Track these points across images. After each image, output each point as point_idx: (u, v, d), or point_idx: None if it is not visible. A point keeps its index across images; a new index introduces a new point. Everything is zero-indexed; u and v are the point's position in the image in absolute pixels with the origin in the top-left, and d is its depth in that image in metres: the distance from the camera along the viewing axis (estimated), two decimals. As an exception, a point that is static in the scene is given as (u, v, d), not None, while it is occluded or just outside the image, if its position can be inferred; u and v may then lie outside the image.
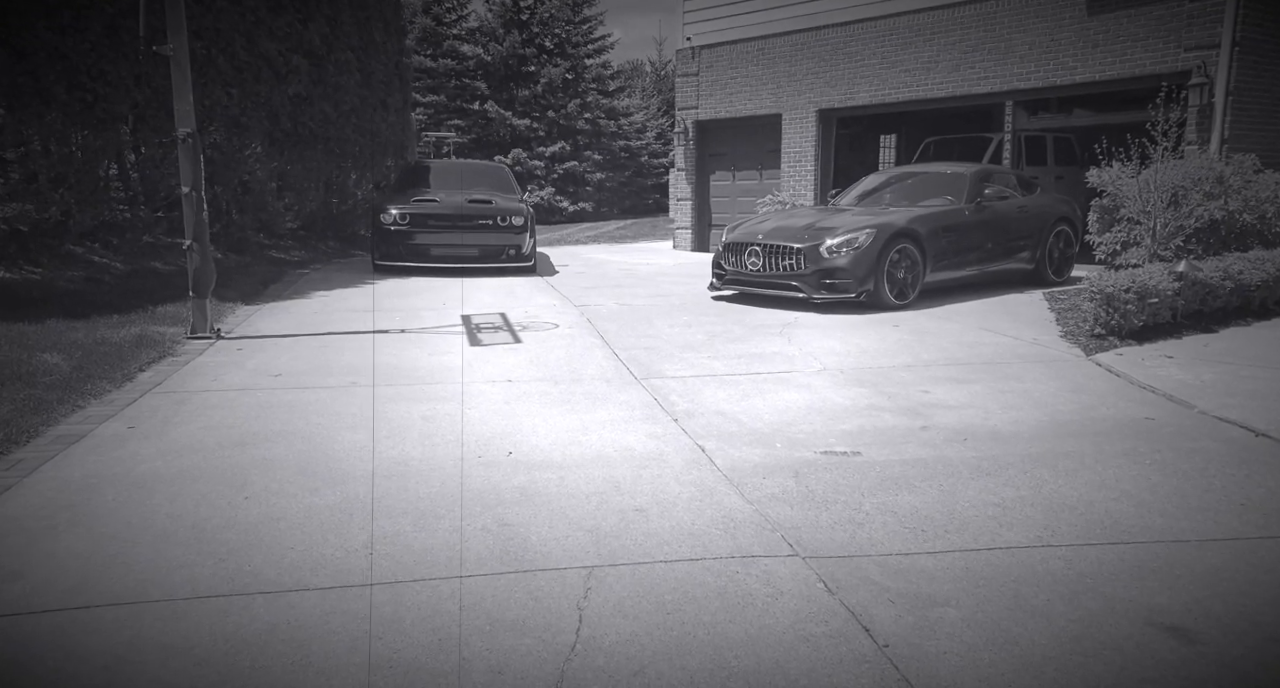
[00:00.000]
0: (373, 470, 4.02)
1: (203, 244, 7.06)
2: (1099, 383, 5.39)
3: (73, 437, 4.46)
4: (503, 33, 31.54)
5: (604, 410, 5.07)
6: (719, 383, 5.69)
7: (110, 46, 9.74)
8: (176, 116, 6.90)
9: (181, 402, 5.21)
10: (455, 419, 4.89)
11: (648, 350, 6.80)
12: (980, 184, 9.44)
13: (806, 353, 6.57)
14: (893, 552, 3.05)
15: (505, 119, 30.81)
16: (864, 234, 8.28)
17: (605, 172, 32.32)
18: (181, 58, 6.79)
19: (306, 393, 5.46)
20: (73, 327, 6.94)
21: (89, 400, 5.14)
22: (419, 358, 6.56)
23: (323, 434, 4.58)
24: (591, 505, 3.57)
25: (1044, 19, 11.46)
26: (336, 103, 14.34)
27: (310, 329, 7.70)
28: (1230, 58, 9.90)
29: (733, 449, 4.27)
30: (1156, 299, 6.19)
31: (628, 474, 3.94)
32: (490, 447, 4.39)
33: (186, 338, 7.09)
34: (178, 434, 4.54)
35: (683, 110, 16.43)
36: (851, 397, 5.24)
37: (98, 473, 3.92)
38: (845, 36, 13.74)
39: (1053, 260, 9.82)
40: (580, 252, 16.93)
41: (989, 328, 7.39)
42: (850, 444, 4.28)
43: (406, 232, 11.88)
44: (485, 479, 3.91)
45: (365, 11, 15.07)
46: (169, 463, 4.08)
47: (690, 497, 3.62)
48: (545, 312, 8.71)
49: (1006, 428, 4.49)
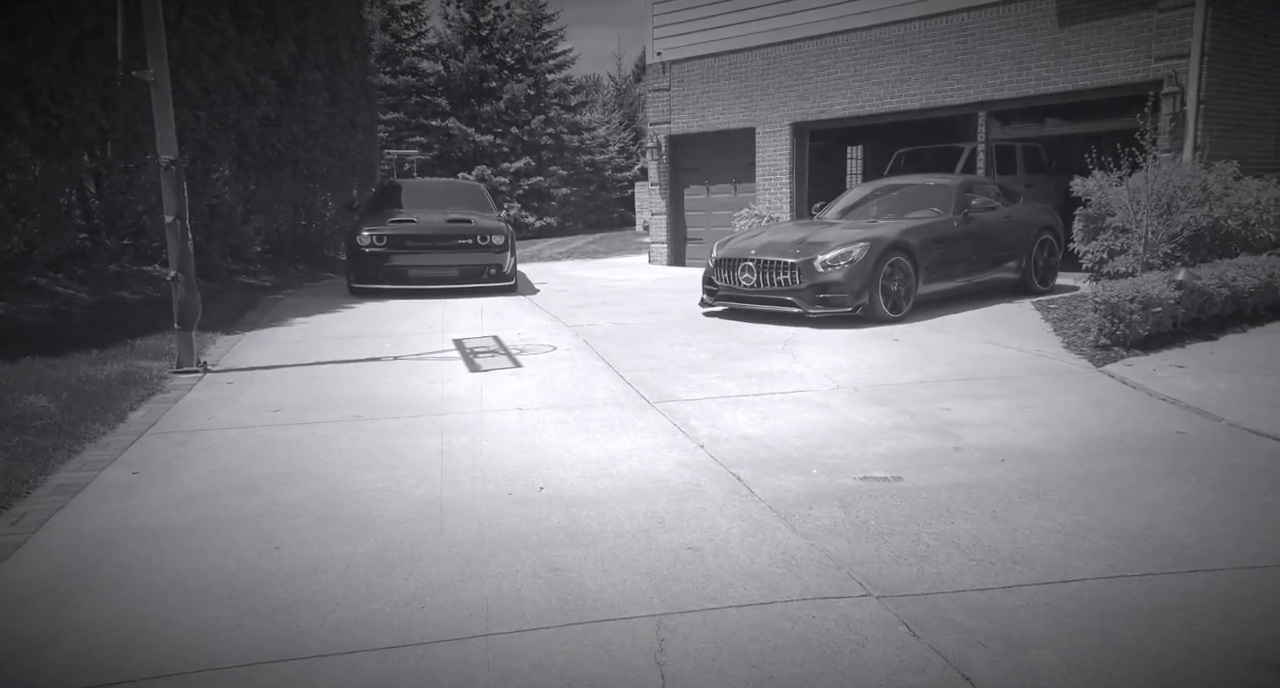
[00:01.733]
0: (402, 514, 3.85)
1: (188, 275, 6.81)
2: (1118, 396, 5.39)
3: (75, 486, 4.21)
4: (463, 49, 31.38)
5: (626, 438, 4.94)
6: (735, 405, 5.59)
7: (74, 69, 9.43)
8: (159, 143, 6.66)
9: (181, 443, 4.98)
10: (473, 453, 4.73)
11: (654, 372, 6.68)
12: (966, 195, 9.49)
13: (815, 371, 6.50)
14: (966, 587, 2.96)
15: (468, 135, 30.62)
16: (858, 248, 8.27)
17: (570, 186, 32.26)
18: (163, 82, 6.56)
19: (310, 429, 5.25)
20: (51, 365, 6.64)
21: (84, 445, 4.89)
22: (419, 387, 6.37)
23: (338, 475, 4.39)
24: (640, 545, 3.44)
25: (1016, 30, 11.61)
26: (306, 123, 14.07)
27: (298, 359, 7.46)
28: (1201, 67, 10.09)
29: (769, 478, 4.16)
30: (1160, 308, 6.23)
31: (670, 509, 3.81)
32: (518, 483, 4.23)
33: (172, 372, 6.82)
34: (185, 480, 4.32)
35: (655, 125, 16.39)
36: (873, 417, 5.18)
37: (111, 526, 3.70)
38: (819, 50, 13.81)
39: (1038, 269, 9.90)
40: (556, 268, 16.78)
41: (990, 340, 7.40)
42: (888, 469, 4.20)
43: (383, 253, 11.66)
44: (522, 518, 3.76)
45: (332, 29, 14.83)
46: (183, 513, 3.87)
47: (741, 532, 3.51)
48: (538, 333, 8.56)
49: (1040, 446, 4.45)
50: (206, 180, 12.32)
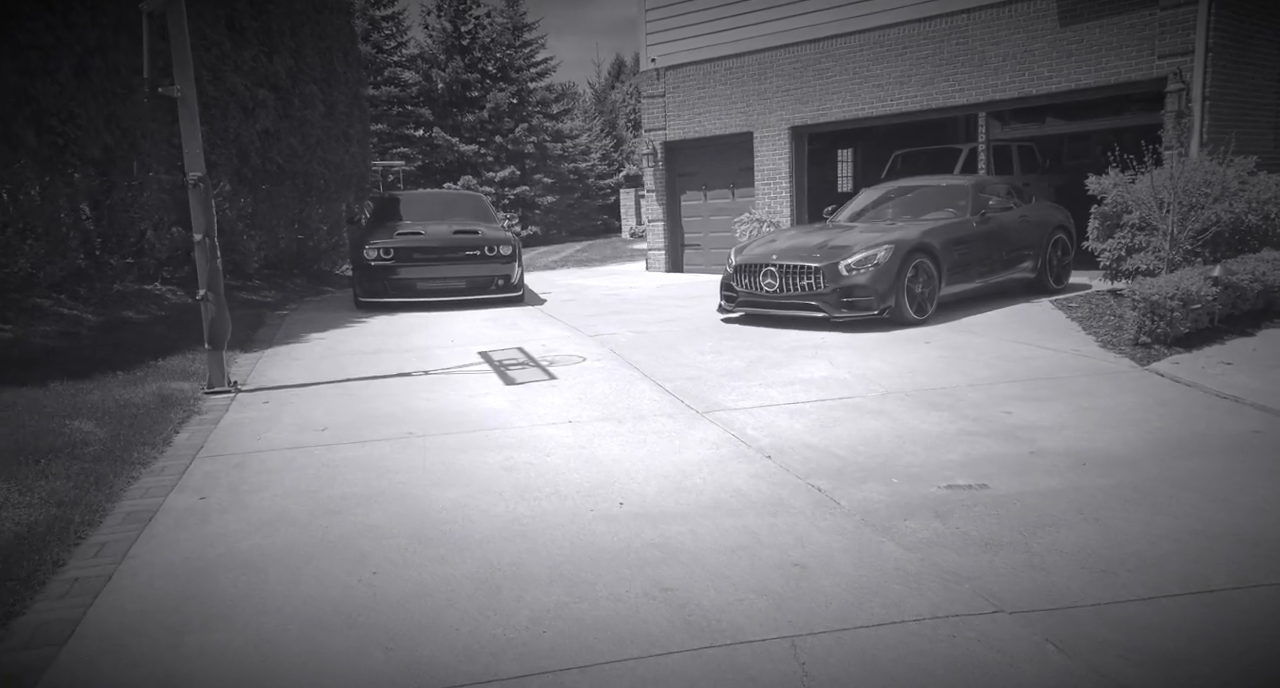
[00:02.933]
0: (489, 533, 3.78)
1: (217, 293, 6.70)
2: (1177, 395, 5.42)
3: (144, 513, 4.11)
4: (444, 59, 31.24)
5: (689, 450, 4.90)
6: (788, 414, 5.57)
7: (79, 87, 9.27)
8: (186, 160, 6.55)
9: (238, 466, 4.88)
10: (539, 469, 4.67)
11: (692, 381, 6.65)
12: (981, 195, 9.55)
13: (857, 376, 6.49)
14: (1100, 601, 2.93)
15: (452, 145, 30.48)
16: (883, 250, 8.28)
17: (554, 195, 32.17)
18: (190, 98, 6.45)
19: (365, 448, 5.17)
20: (82, 388, 6.50)
21: (139, 470, 4.78)
22: (459, 401, 6.30)
23: (413, 494, 4.32)
24: (744, 562, 3.39)
25: (1017, 30, 11.70)
26: (303, 136, 13.92)
27: (327, 376, 7.35)
28: (1205, 64, 10.23)
29: (851, 489, 4.14)
30: (1199, 305, 6.29)
31: (760, 523, 3.77)
32: (596, 498, 4.18)
33: (204, 393, 6.70)
34: (257, 504, 4.23)
35: (650, 132, 16.37)
36: (934, 422, 5.17)
37: (199, 555, 3.61)
38: (816, 53, 13.86)
39: (1052, 268, 9.98)
40: (554, 277, 16.71)
41: (1021, 340, 7.43)
42: (970, 477, 4.19)
43: (390, 266, 11.56)
44: (613, 536, 3.71)
45: (326, 42, 14.70)
46: (268, 539, 3.78)
47: (844, 547, 3.47)
48: (562, 344, 8.50)
49: (1118, 450, 4.46)
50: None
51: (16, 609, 3.10)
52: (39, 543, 3.58)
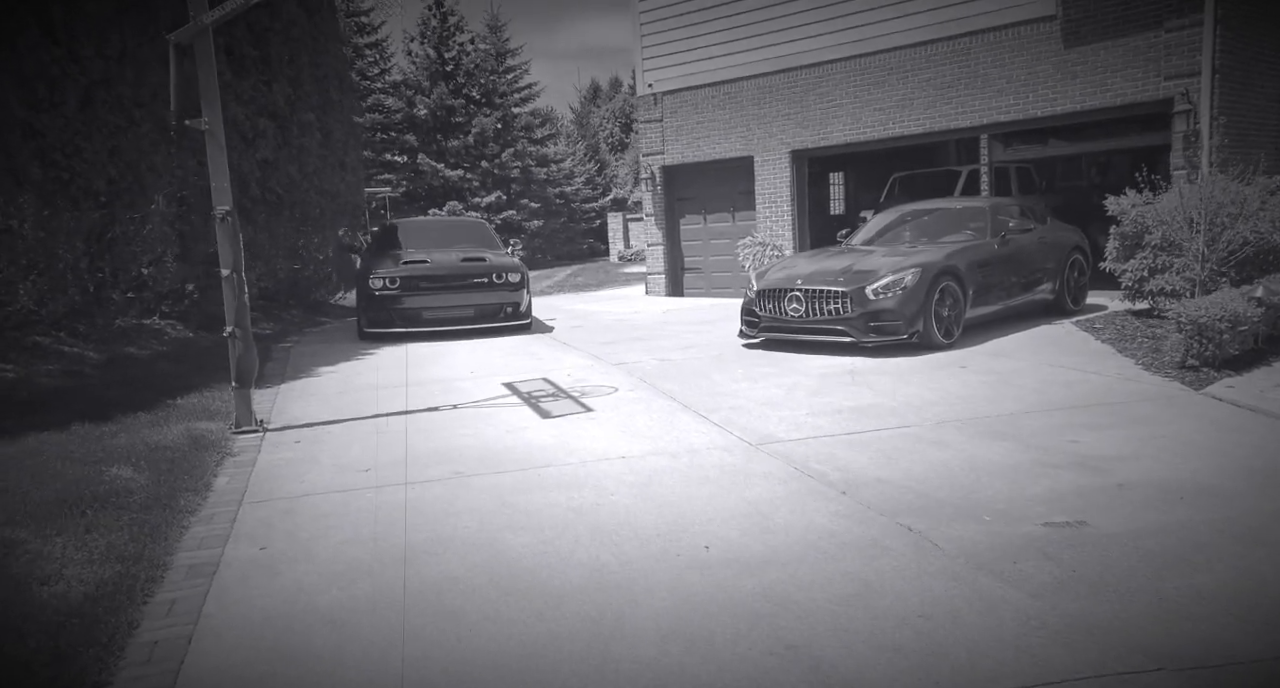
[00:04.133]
0: (580, 583, 3.62)
1: (245, 330, 6.50)
2: (1245, 421, 5.36)
3: (206, 566, 3.91)
4: (428, 85, 31.17)
5: (759, 486, 4.76)
6: (846, 445, 5.45)
7: (84, 120, 9.06)
8: (214, 194, 6.37)
9: (289, 512, 4.68)
10: (608, 510, 4.51)
11: (734, 410, 6.52)
12: (999, 217, 9.55)
13: (903, 403, 6.40)
14: (1264, 655, 2.79)
15: (438, 171, 30.35)
16: (910, 274, 8.23)
17: (541, 219, 32.08)
18: (217, 131, 6.28)
19: (417, 490, 4.99)
20: (105, 431, 6.26)
21: (188, 518, 4.56)
22: (500, 437, 6.13)
23: (485, 539, 4.14)
24: (863, 614, 3.23)
25: (1021, 53, 11.79)
26: (301, 165, 13.73)
27: (352, 412, 7.15)
28: (1213, 84, 10.34)
29: (943, 528, 4.01)
30: (1245, 327, 6.27)
31: (863, 568, 3.63)
32: (678, 542, 4.03)
33: (232, 432, 6.48)
34: (322, 554, 4.04)
35: (648, 156, 16.33)
36: (1002, 453, 5.07)
37: (279, 611, 3.41)
38: (816, 77, 13.90)
39: (1070, 289, 9.99)
40: (554, 303, 16.55)
41: (1058, 364, 7.38)
42: (1064, 513, 4.08)
43: (396, 295, 11.37)
44: (712, 584, 3.55)
45: (322, 69, 14.55)
46: (346, 592, 3.59)
47: (963, 595, 3.33)
48: (587, 373, 8.36)
49: (1207, 481, 4.37)
50: (207, 228, 11.91)
51: (104, 679, 2.90)
52: (110, 604, 3.37)
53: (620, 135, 44.19)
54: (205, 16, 6.14)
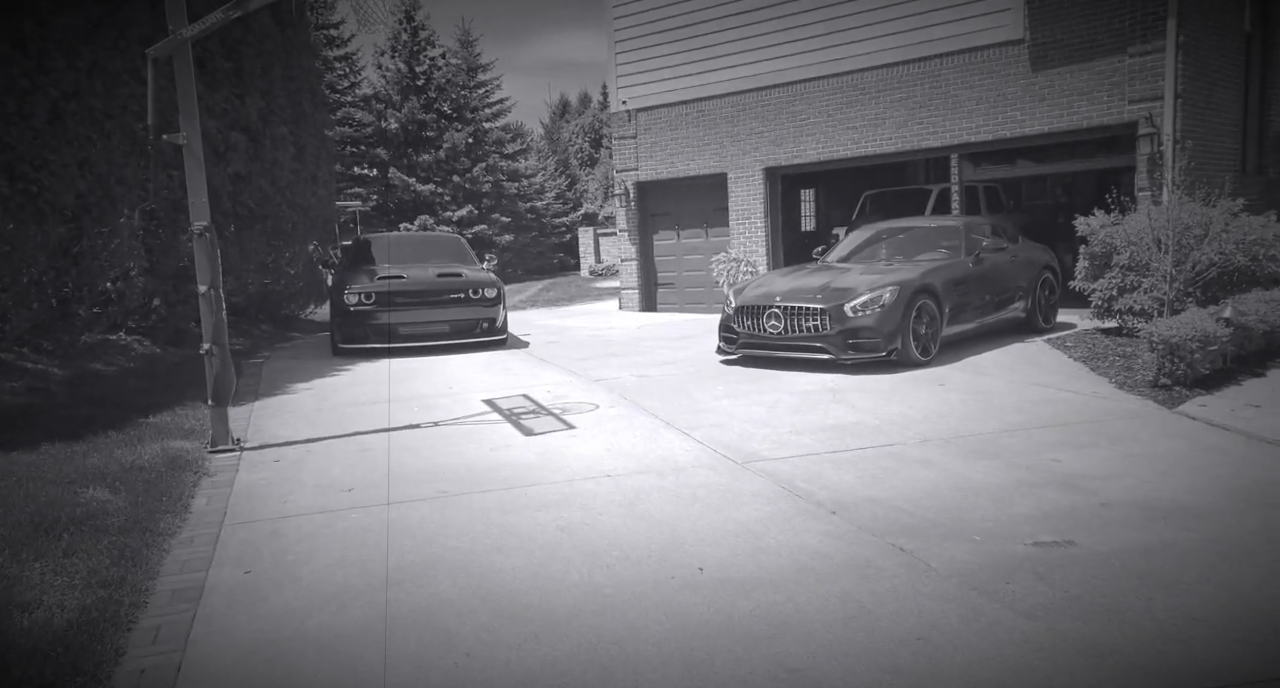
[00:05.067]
0: (574, 606, 3.59)
1: (222, 347, 6.40)
2: (1221, 440, 5.47)
3: (190, 591, 3.83)
4: (399, 99, 31.04)
5: (748, 506, 4.77)
6: (833, 464, 5.48)
7: (53, 133, 8.89)
8: (192, 210, 6.29)
9: (273, 534, 4.60)
10: (597, 530, 4.49)
11: (717, 428, 6.54)
12: (973, 236, 9.69)
13: (886, 421, 6.45)
14: (1259, 678, 2.83)
15: (409, 185, 30.18)
16: (888, 292, 8.32)
17: (512, 233, 32.00)
18: (195, 146, 6.21)
19: (402, 510, 4.93)
20: (76, 451, 6.12)
21: (168, 540, 4.47)
22: (483, 455, 6.09)
23: (474, 561, 4.10)
24: (861, 636, 3.24)
25: (990, 75, 12.01)
26: (273, 179, 13.59)
27: (331, 430, 7.06)
28: (1175, 108, 10.61)
29: (934, 548, 4.04)
30: (1215, 346, 6.41)
31: (859, 589, 3.64)
32: (673, 564, 4.01)
33: (208, 451, 6.36)
34: (310, 577, 3.97)
35: (622, 172, 16.38)
36: (986, 472, 5.13)
37: (268, 638, 3.35)
38: (789, 96, 14.05)
39: (1041, 308, 10.15)
40: (528, 318, 16.50)
41: (1035, 382, 7.49)
42: (1052, 532, 4.12)
43: (371, 311, 11.28)
44: (708, 607, 3.54)
45: (295, 83, 14.44)
46: (336, 617, 3.54)
47: (959, 615, 3.35)
48: (567, 389, 8.33)
49: (1189, 500, 4.44)
50: (176, 241, 11.74)
51: (91, 712, 2.82)
52: (95, 631, 3.29)
53: (590, 150, 44.30)
54: (185, 30, 6.07)
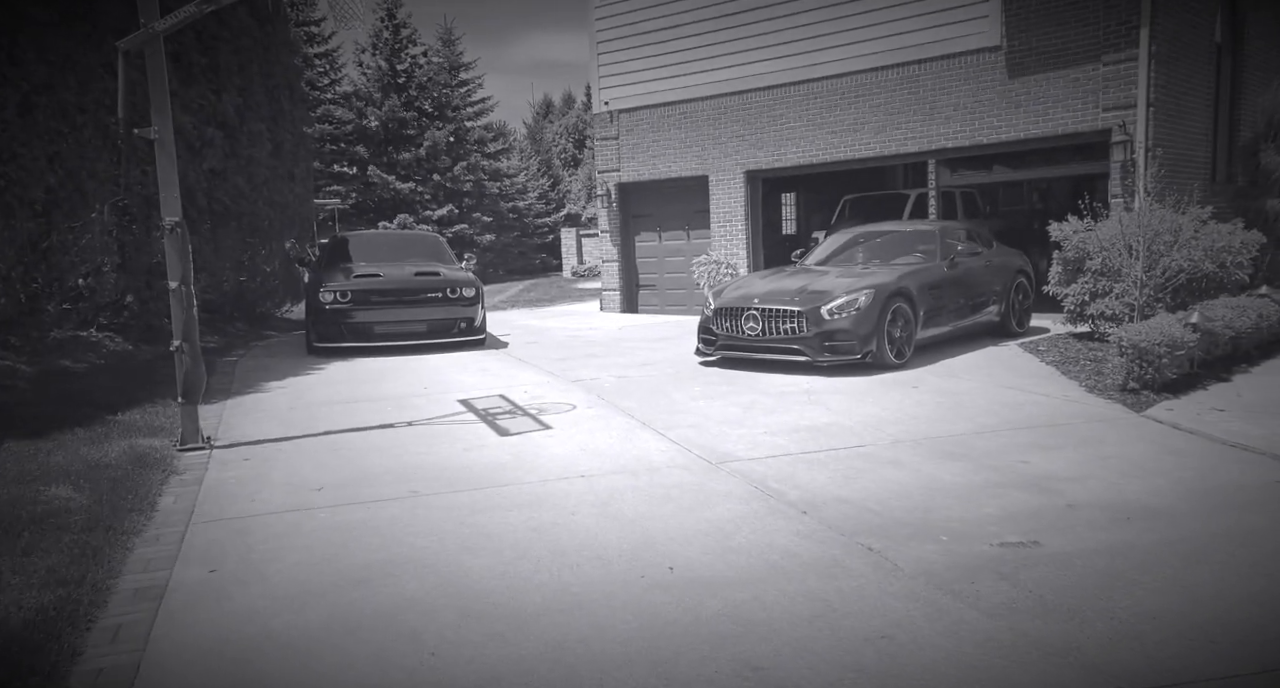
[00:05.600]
0: (542, 605, 3.58)
1: (193, 344, 6.33)
2: (1185, 444, 5.53)
3: (153, 589, 3.78)
4: (380, 97, 30.89)
5: (720, 506, 4.77)
6: (806, 464, 5.49)
7: (23, 126, 8.78)
8: (163, 205, 6.21)
9: (240, 533, 4.55)
10: (569, 530, 4.47)
11: (694, 429, 6.54)
12: (948, 240, 9.76)
13: (859, 422, 6.48)
14: (1212, 675, 2.85)
15: (388, 183, 30.04)
16: (863, 295, 8.36)
17: (493, 233, 31.92)
18: (167, 141, 6.14)
19: (372, 510, 4.90)
20: (40, 448, 6.04)
21: (131, 539, 4.41)
22: (455, 455, 6.06)
23: (443, 561, 4.08)
24: (826, 635, 3.24)
25: (967, 82, 12.11)
26: (250, 176, 13.47)
27: (304, 429, 7.00)
28: (1147, 117, 10.73)
29: (902, 547, 4.05)
30: (1183, 351, 6.48)
31: (825, 588, 3.65)
32: (642, 563, 4.01)
33: (177, 449, 6.29)
34: (276, 576, 3.93)
35: (604, 173, 16.37)
36: (956, 473, 5.16)
37: (230, 637, 3.31)
38: (771, 99, 14.09)
39: (1015, 312, 10.24)
40: (508, 318, 16.46)
41: (1006, 385, 7.55)
42: (1018, 533, 4.15)
43: (346, 310, 11.21)
44: (676, 606, 3.54)
45: (273, 80, 14.32)
46: (301, 615, 3.50)
47: (924, 615, 3.36)
48: (544, 390, 8.31)
49: (1151, 502, 4.49)
50: (149, 237, 11.61)
51: (45, 712, 2.78)
52: (52, 630, 3.24)
53: (574, 151, 44.26)
54: (157, 24, 6.01)
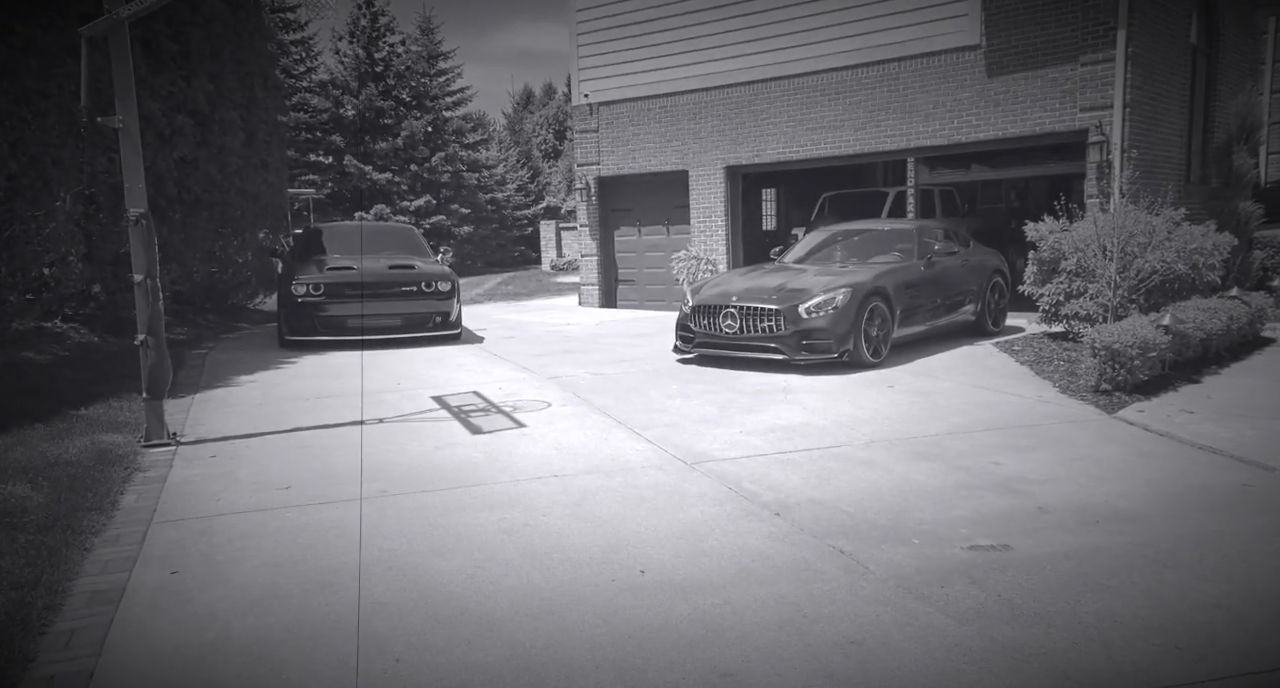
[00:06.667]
0: (510, 610, 3.52)
1: (158, 338, 6.20)
2: (1155, 446, 5.55)
3: (111, 592, 3.68)
4: (356, 86, 30.56)
5: (692, 508, 4.73)
6: (780, 465, 5.46)
7: (-15, 112, 8.57)
8: (128, 196, 6.07)
9: (203, 533, 4.46)
10: (540, 531, 4.42)
11: (669, 428, 6.50)
12: (925, 239, 9.77)
13: (834, 422, 6.46)
14: (1176, 681, 2.85)
15: (365, 173, 29.74)
16: (841, 294, 8.34)
17: (471, 225, 31.70)
18: (132, 129, 6.00)
19: (341, 510, 4.81)
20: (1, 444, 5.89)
21: (90, 539, 4.31)
22: (426, 453, 5.98)
23: (411, 564, 4.01)
24: (796, 640, 3.21)
25: (946, 80, 12.12)
26: (222, 165, 13.25)
27: (273, 426, 6.89)
28: (1123, 118, 10.79)
29: (873, 550, 4.03)
30: (1154, 353, 6.51)
31: (797, 592, 3.62)
32: (614, 566, 3.96)
33: (141, 446, 6.17)
34: (239, 578, 3.85)
35: (583, 166, 16.28)
36: (929, 474, 5.15)
37: (189, 642, 3.23)
38: (751, 95, 14.05)
39: (991, 311, 10.28)
40: (485, 312, 16.33)
41: (981, 385, 7.56)
42: (989, 536, 4.15)
43: (319, 303, 11.06)
44: (646, 610, 3.50)
45: (246, 67, 14.09)
46: (263, 620, 3.42)
47: (893, 620, 3.34)
48: (519, 387, 8.23)
49: (1121, 504, 4.50)
50: (116, 227, 11.40)
51: (-8, 724, 2.69)
52: (2, 635, 3.14)
53: (554, 142, 44.03)
54: (121, 10, 5.85)
